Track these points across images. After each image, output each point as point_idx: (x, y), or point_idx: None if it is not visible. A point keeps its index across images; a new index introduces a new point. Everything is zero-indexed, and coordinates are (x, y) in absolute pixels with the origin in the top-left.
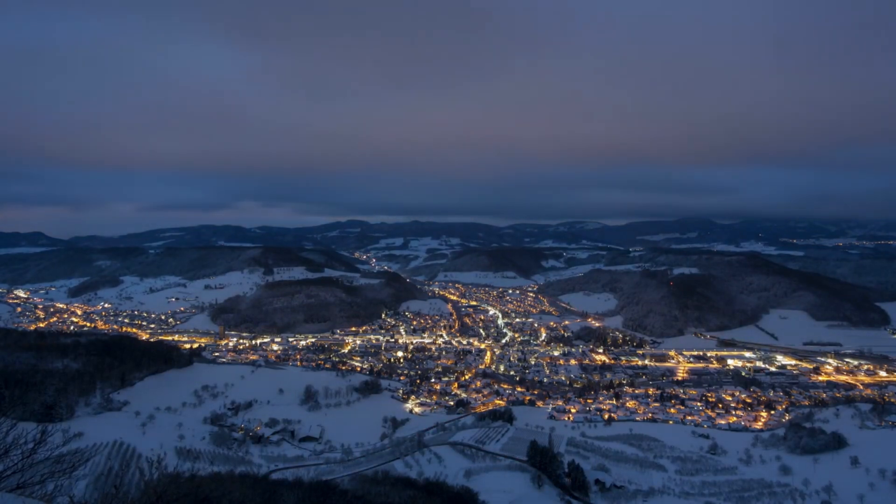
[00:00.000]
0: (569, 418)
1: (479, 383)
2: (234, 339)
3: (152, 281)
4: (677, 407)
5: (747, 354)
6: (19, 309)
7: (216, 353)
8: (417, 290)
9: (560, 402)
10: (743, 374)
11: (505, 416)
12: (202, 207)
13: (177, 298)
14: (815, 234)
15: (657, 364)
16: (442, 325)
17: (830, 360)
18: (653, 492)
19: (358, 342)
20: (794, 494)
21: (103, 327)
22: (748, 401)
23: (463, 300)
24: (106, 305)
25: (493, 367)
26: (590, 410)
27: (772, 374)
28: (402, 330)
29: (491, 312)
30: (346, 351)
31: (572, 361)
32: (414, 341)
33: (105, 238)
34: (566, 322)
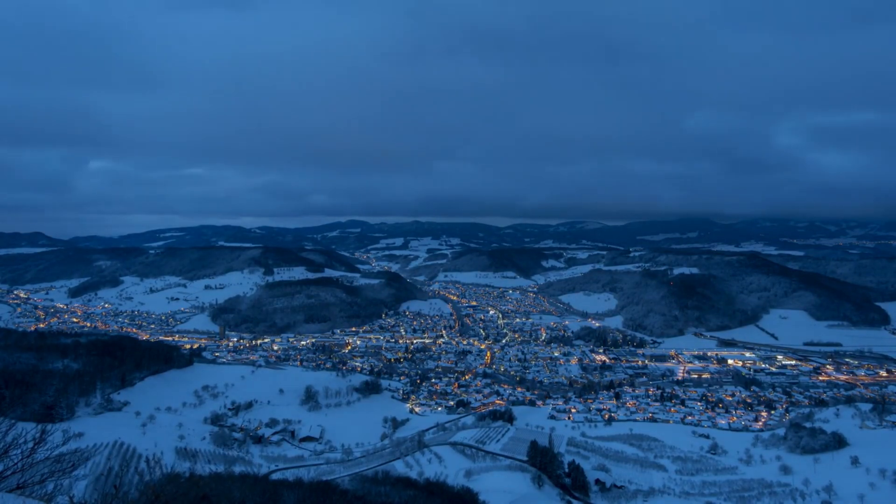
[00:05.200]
0: (569, 418)
1: (479, 383)
2: (235, 340)
3: (152, 281)
4: (677, 407)
5: (747, 354)
6: (19, 309)
7: (216, 354)
8: (417, 290)
9: (560, 402)
10: (743, 374)
11: (505, 416)
12: None
13: (177, 299)
14: (815, 234)
15: (657, 364)
16: (442, 325)
17: (830, 360)
18: (653, 492)
19: (358, 342)
20: (794, 494)
21: (103, 328)
22: (748, 401)
23: (463, 300)
24: (106, 306)
25: (494, 367)
26: (590, 410)
27: (772, 373)
28: (402, 330)
29: (491, 312)
30: (346, 351)
31: (572, 361)
32: (414, 341)
33: (105, 238)
34: (566, 322)
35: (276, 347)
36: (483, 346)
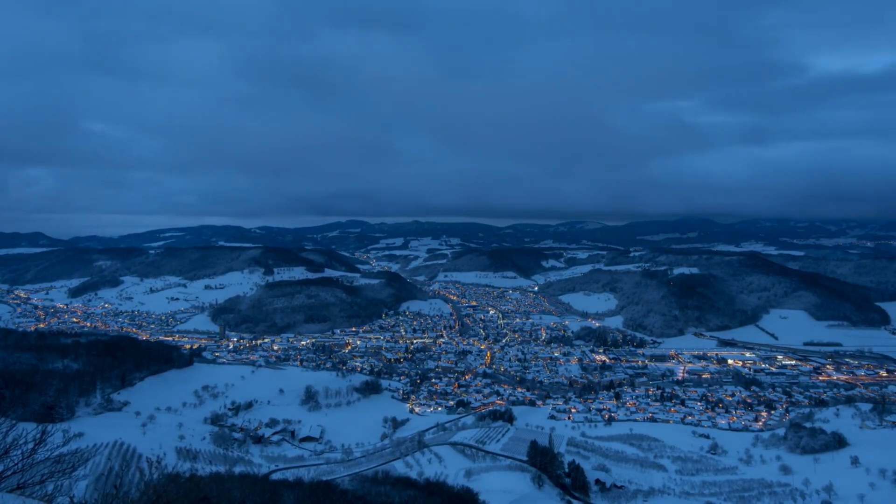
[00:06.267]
0: (569, 418)
1: (479, 383)
2: (235, 340)
3: (152, 281)
4: (678, 407)
5: (747, 354)
6: (19, 309)
7: (216, 354)
8: (418, 290)
9: (560, 402)
10: (743, 374)
11: (505, 416)
12: None
13: (177, 299)
14: (815, 234)
15: (657, 364)
16: (442, 325)
17: (830, 360)
18: (653, 492)
19: (358, 342)
20: (794, 494)
21: (103, 328)
22: (748, 401)
23: (463, 300)
24: (106, 306)
25: (494, 367)
26: (590, 410)
27: (772, 373)
28: (402, 330)
29: (491, 312)
30: (346, 351)
31: (572, 361)
32: (414, 341)
33: (105, 238)
34: (566, 322)
35: (276, 347)
36: (483, 346)
